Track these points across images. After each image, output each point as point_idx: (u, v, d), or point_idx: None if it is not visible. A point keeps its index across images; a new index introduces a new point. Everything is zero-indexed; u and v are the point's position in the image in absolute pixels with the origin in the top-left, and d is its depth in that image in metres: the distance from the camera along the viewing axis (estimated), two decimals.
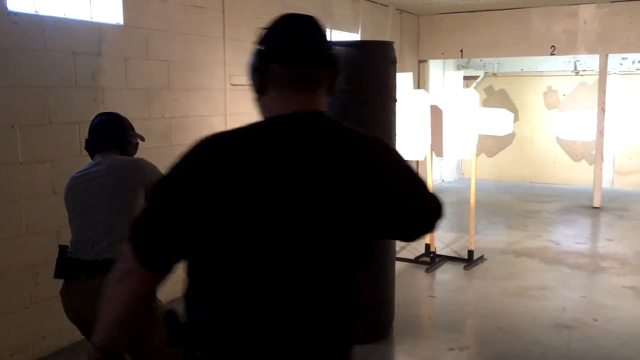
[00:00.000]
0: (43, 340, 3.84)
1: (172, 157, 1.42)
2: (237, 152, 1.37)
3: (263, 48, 1.47)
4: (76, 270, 2.57)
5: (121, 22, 4.32)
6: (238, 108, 5.57)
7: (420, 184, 1.59)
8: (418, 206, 1.57)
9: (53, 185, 3.79)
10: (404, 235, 1.66)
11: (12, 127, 3.58)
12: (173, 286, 1.84)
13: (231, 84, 5.43)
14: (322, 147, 1.45)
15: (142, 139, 2.95)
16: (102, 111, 4.11)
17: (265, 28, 1.50)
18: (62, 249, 2.63)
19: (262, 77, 1.46)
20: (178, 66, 4.86)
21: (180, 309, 1.49)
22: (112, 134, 2.75)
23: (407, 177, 1.56)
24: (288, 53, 1.44)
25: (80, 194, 2.64)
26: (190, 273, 1.47)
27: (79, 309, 2.58)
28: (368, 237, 1.55)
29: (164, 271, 1.42)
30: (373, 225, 1.52)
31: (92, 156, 2.75)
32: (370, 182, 1.47)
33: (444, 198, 6.86)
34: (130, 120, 4.18)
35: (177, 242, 1.38)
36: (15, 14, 3.56)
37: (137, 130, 4.56)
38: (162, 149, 4.47)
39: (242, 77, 5.61)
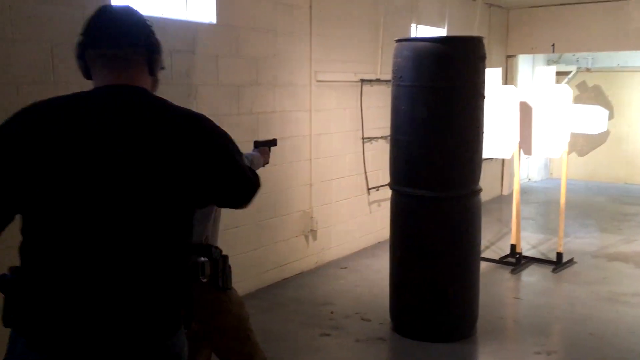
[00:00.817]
0: None
1: None
2: (43, 117, 1.55)
3: (82, 38, 1.63)
4: None
5: (214, 21, 4.48)
6: (323, 104, 5.64)
7: (232, 162, 1.69)
8: (229, 181, 1.68)
9: None
10: (217, 202, 1.79)
11: None
12: None
13: (317, 80, 5.50)
14: (125, 115, 1.57)
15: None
16: (195, 108, 4.30)
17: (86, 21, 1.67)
18: None
19: (84, 63, 1.64)
20: (266, 63, 4.98)
21: None
22: None
23: (219, 154, 1.66)
24: (98, 38, 1.61)
25: None
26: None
27: None
28: (173, 206, 1.60)
29: None
30: (174, 195, 1.58)
31: None
32: (171, 153, 1.55)
33: (531, 198, 6.68)
34: (221, 116, 4.34)
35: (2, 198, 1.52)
36: None
37: (227, 125, 4.71)
38: (249, 144, 4.59)
39: (328, 73, 5.71)
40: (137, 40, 1.63)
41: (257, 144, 3.34)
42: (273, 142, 3.37)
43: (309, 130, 5.50)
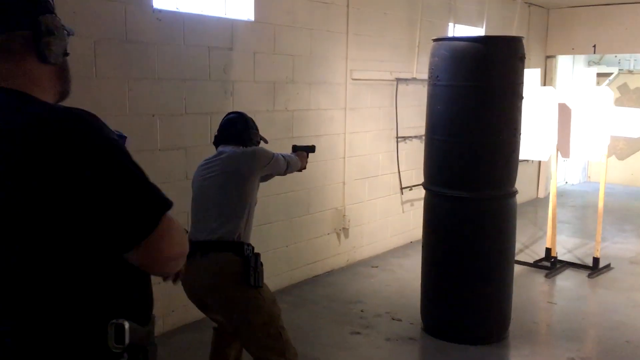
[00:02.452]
0: (172, 314, 4.14)
1: None
2: None
3: None
4: (192, 251, 2.75)
5: (252, 18, 4.52)
6: (358, 102, 5.64)
7: (130, 184, 1.25)
8: (116, 210, 1.23)
9: (186, 171, 4.06)
10: (109, 244, 1.26)
11: (153, 116, 3.88)
12: None
13: (352, 79, 5.50)
14: None
15: (265, 141, 3.13)
16: (232, 104, 4.35)
17: None
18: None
19: None
20: (302, 60, 5.00)
21: None
22: (237, 130, 2.96)
23: (106, 173, 1.23)
24: None
25: (200, 180, 2.87)
26: None
27: (196, 287, 2.77)
28: (45, 239, 1.22)
29: None
30: (44, 226, 1.21)
31: (216, 147, 2.98)
32: (33, 178, 1.19)
33: (567, 201, 6.49)
34: (256, 112, 4.36)
35: None
36: (160, 11, 3.84)
37: (263, 121, 4.75)
38: (284, 141, 4.63)
39: (364, 72, 5.70)
40: (17, 22, 1.30)
41: (296, 149, 3.36)
42: (311, 149, 3.39)
43: (343, 129, 5.51)
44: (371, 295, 4.95)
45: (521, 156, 4.18)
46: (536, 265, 5.77)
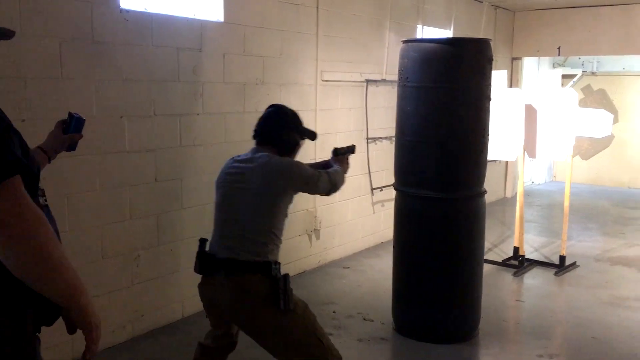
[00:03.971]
0: (141, 319, 4.08)
1: None
2: None
3: None
4: (214, 267, 2.59)
5: (221, 19, 4.48)
6: (328, 104, 5.64)
7: None
8: None
9: (155, 173, 4.00)
10: None
11: (121, 117, 3.81)
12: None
13: (322, 80, 5.50)
14: None
15: (311, 137, 2.89)
16: (202, 106, 4.31)
17: None
18: (202, 241, 2.66)
19: None
20: (272, 62, 4.98)
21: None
22: (267, 130, 2.76)
23: None
24: None
25: (227, 185, 2.68)
26: None
27: (220, 306, 2.62)
28: None
29: None
30: None
31: (255, 143, 2.76)
32: None
33: (534, 201, 6.63)
34: (226, 114, 4.30)
35: None
36: (127, 11, 3.78)
37: (233, 123, 4.70)
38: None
39: (334, 73, 5.69)
40: None
41: (337, 152, 3.07)
42: (352, 149, 3.12)
43: (314, 130, 5.49)
44: (343, 296, 4.96)
45: (489, 156, 4.24)
46: (505, 264, 5.86)
